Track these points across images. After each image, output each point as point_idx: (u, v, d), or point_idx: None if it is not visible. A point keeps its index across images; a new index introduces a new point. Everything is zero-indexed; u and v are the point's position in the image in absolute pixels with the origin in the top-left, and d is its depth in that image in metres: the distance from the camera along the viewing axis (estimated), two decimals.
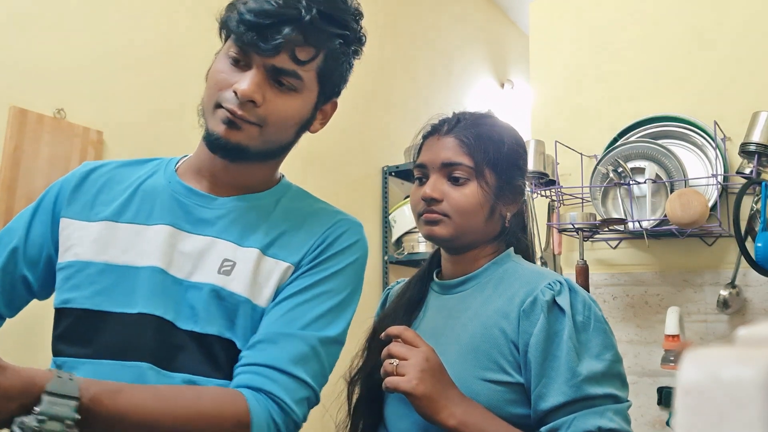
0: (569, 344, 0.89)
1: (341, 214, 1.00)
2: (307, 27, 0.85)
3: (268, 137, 0.90)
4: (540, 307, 0.92)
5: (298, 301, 0.89)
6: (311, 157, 2.43)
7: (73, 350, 0.89)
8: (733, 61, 1.92)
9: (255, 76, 0.86)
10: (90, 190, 0.97)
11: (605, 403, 0.88)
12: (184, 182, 0.96)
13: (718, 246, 1.88)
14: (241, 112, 0.86)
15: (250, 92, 0.85)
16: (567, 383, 0.88)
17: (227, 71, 0.88)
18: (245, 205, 0.95)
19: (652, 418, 1.88)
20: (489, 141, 1.02)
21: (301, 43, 0.86)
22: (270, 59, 0.86)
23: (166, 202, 0.94)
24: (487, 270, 1.03)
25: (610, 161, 1.91)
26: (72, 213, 0.95)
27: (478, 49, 3.73)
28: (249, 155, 0.90)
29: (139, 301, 0.88)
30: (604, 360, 0.90)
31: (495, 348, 0.93)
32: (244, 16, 0.84)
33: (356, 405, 1.06)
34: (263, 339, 0.86)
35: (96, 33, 1.81)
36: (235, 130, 0.87)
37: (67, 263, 0.92)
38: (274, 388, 0.83)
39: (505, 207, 1.04)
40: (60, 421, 0.68)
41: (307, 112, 0.93)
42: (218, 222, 0.92)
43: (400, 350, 0.91)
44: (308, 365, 0.86)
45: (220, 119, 0.87)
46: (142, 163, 1.01)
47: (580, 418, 0.87)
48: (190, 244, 0.91)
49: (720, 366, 0.27)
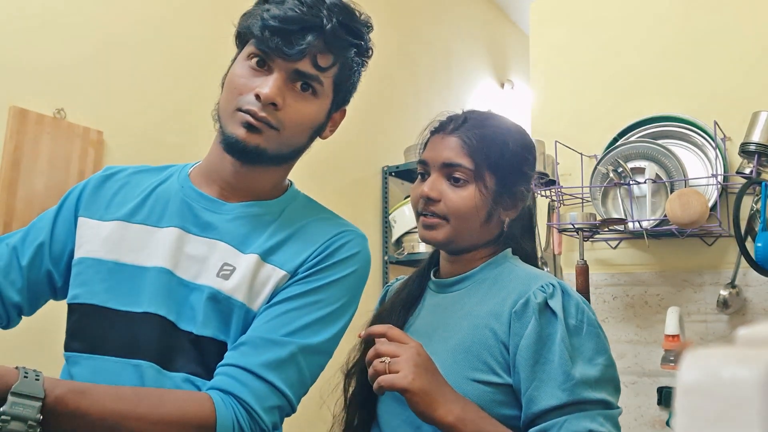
0: (562, 348, 0.88)
1: (346, 225, 1.00)
2: (328, 35, 0.88)
3: (285, 140, 0.92)
4: (531, 310, 0.91)
5: (287, 308, 0.89)
6: (311, 157, 2.43)
7: (79, 345, 0.91)
8: (733, 61, 1.92)
9: (277, 80, 0.88)
10: (108, 192, 1.00)
11: (597, 408, 0.87)
12: (196, 187, 0.97)
13: (718, 246, 1.88)
14: (263, 114, 0.88)
15: (273, 95, 0.87)
16: (560, 387, 0.87)
17: (247, 76, 0.90)
18: (252, 212, 0.96)
19: (652, 418, 1.88)
20: (492, 144, 1.00)
21: (322, 50, 0.89)
22: (294, 64, 0.88)
23: (176, 206, 0.95)
24: (482, 270, 1.03)
25: (610, 161, 1.91)
26: (88, 213, 0.98)
27: (478, 49, 3.73)
28: (265, 158, 0.92)
29: (145, 300, 0.89)
30: (597, 365, 0.90)
31: (485, 348, 0.93)
32: (268, 22, 0.87)
33: (351, 399, 1.06)
34: (246, 341, 0.86)
35: (96, 33, 1.81)
36: (255, 133, 0.88)
37: (79, 259, 0.94)
38: (244, 392, 0.82)
39: (504, 212, 1.03)
40: (23, 421, 0.69)
41: (321, 118, 0.96)
42: (224, 226, 0.93)
43: (389, 348, 0.88)
44: (284, 372, 0.85)
45: (239, 122, 0.89)
46: (160, 170, 1.04)
47: (571, 421, 0.86)
48: (196, 247, 0.92)
49: (720, 366, 0.27)
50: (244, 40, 0.94)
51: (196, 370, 0.87)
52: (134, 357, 0.87)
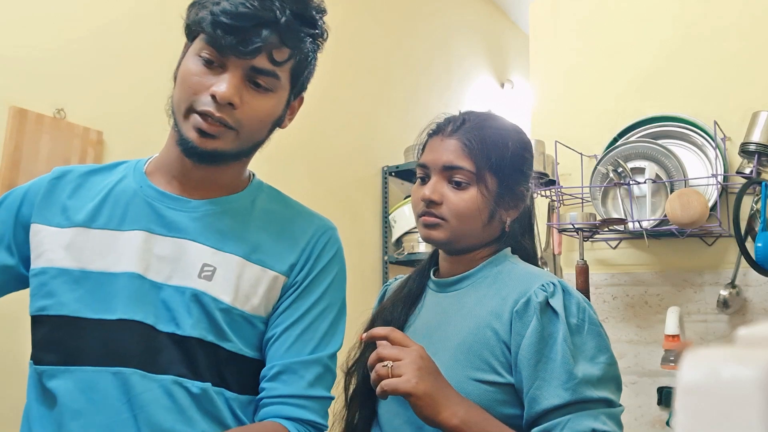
0: (564, 347, 0.88)
1: (319, 218, 1.02)
2: (283, 29, 0.86)
3: (245, 139, 0.90)
4: (533, 309, 0.91)
5: (302, 328, 0.94)
6: (311, 157, 2.43)
7: (53, 357, 0.88)
8: (733, 61, 1.92)
9: (233, 79, 0.85)
10: (61, 196, 0.96)
11: (600, 407, 0.87)
12: (155, 185, 0.95)
13: (718, 246, 1.88)
14: (219, 114, 0.85)
15: (230, 95, 0.85)
16: (563, 386, 0.87)
17: (200, 74, 0.87)
18: (220, 209, 0.94)
19: (652, 418, 1.88)
20: (493, 145, 1.00)
21: (277, 45, 0.87)
22: (249, 61, 0.86)
23: (138, 207, 0.93)
24: (482, 270, 1.02)
25: (610, 161, 1.91)
26: (43, 219, 0.94)
27: (478, 49, 3.73)
28: (225, 157, 0.91)
29: (119, 307, 0.87)
30: (599, 363, 0.90)
31: (486, 348, 0.93)
32: (219, 18, 0.83)
33: (352, 397, 1.06)
34: (283, 370, 0.92)
35: (96, 33, 1.81)
36: (210, 138, 0.87)
37: (41, 269, 0.91)
38: (306, 414, 0.91)
39: (506, 212, 1.03)
40: None
41: (280, 111, 0.94)
42: (193, 225, 0.92)
43: (391, 352, 0.88)
44: (325, 382, 0.95)
45: (192, 126, 0.87)
46: (110, 168, 1.01)
47: (574, 420, 0.86)
48: (164, 247, 0.90)
49: (720, 366, 0.27)
50: (195, 32, 0.90)
51: (182, 371, 0.86)
52: (114, 365, 0.85)
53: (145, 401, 0.84)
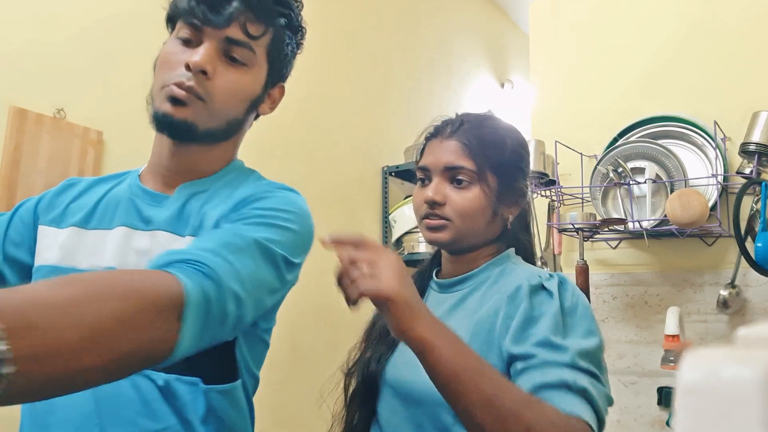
0: (554, 321, 0.86)
1: (286, 187, 0.95)
2: (254, 3, 0.89)
3: (216, 113, 0.90)
4: (524, 292, 0.90)
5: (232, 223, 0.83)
6: (311, 156, 2.43)
7: None
8: (733, 61, 1.92)
9: (208, 48, 0.88)
10: (65, 200, 0.99)
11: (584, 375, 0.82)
12: (143, 184, 0.97)
13: (718, 246, 1.88)
14: (190, 83, 0.87)
15: (203, 62, 0.87)
16: (547, 349, 0.83)
17: (177, 52, 0.90)
18: (189, 192, 0.94)
19: (652, 418, 1.88)
20: (491, 144, 1.02)
21: (252, 19, 0.90)
22: (223, 31, 0.88)
23: (125, 206, 0.95)
24: (484, 270, 1.03)
25: (610, 161, 1.91)
26: (47, 221, 0.98)
27: (479, 49, 3.73)
28: (197, 134, 0.90)
29: None
30: (590, 341, 0.86)
31: (487, 347, 0.93)
32: None
33: (351, 397, 1.06)
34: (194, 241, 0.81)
35: (97, 33, 1.81)
36: (181, 106, 0.88)
37: (37, 267, 0.94)
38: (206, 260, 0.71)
39: (507, 209, 1.05)
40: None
41: (257, 90, 0.95)
42: (162, 214, 0.93)
43: (366, 254, 0.78)
44: (243, 259, 0.75)
45: (165, 96, 0.88)
46: (118, 176, 1.04)
47: (554, 367, 0.81)
48: (142, 241, 0.91)
49: (720, 366, 0.27)
50: (174, 21, 0.94)
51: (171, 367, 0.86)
52: None
53: (109, 394, 0.84)
